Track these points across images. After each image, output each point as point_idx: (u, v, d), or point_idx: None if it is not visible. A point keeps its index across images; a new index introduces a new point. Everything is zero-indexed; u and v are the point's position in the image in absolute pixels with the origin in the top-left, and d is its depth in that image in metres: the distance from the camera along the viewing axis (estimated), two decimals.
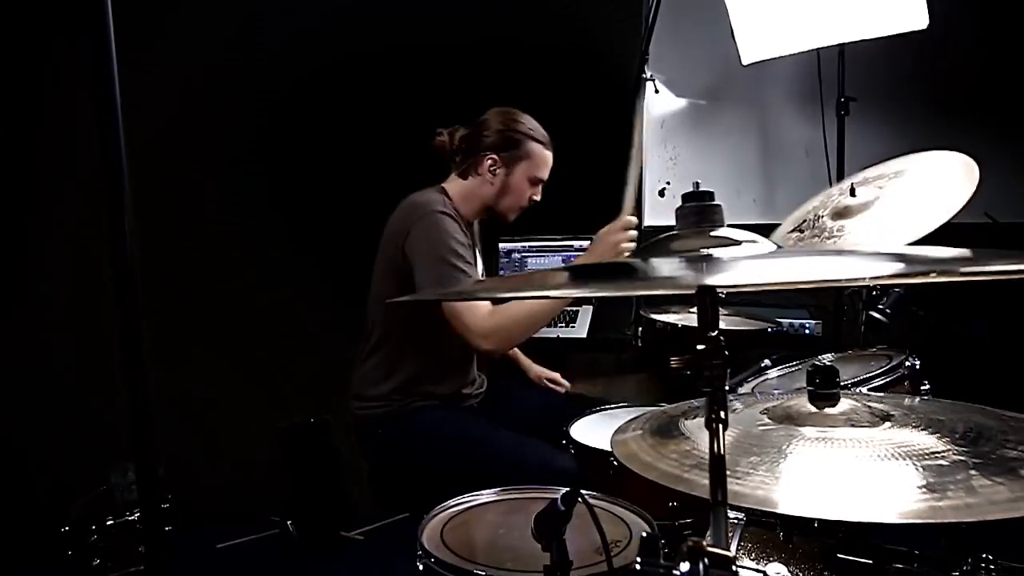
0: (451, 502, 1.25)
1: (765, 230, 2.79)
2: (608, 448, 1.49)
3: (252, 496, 2.58)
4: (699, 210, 0.84)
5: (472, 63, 2.53)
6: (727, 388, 1.62)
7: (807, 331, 2.19)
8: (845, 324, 1.93)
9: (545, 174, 1.76)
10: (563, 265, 2.54)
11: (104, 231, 0.76)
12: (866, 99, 2.31)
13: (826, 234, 1.37)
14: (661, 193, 2.70)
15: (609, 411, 1.78)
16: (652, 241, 0.88)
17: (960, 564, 0.84)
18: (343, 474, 2.56)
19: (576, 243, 2.51)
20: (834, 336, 2.26)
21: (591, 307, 2.44)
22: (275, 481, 2.56)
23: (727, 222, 3.13)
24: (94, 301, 1.65)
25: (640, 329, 2.40)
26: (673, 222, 0.93)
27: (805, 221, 1.64)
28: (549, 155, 1.75)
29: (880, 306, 1.36)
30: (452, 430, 1.59)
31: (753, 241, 0.80)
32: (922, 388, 1.16)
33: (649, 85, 2.27)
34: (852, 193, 1.36)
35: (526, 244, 2.55)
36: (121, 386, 0.80)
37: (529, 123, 1.74)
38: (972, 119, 2.49)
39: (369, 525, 2.56)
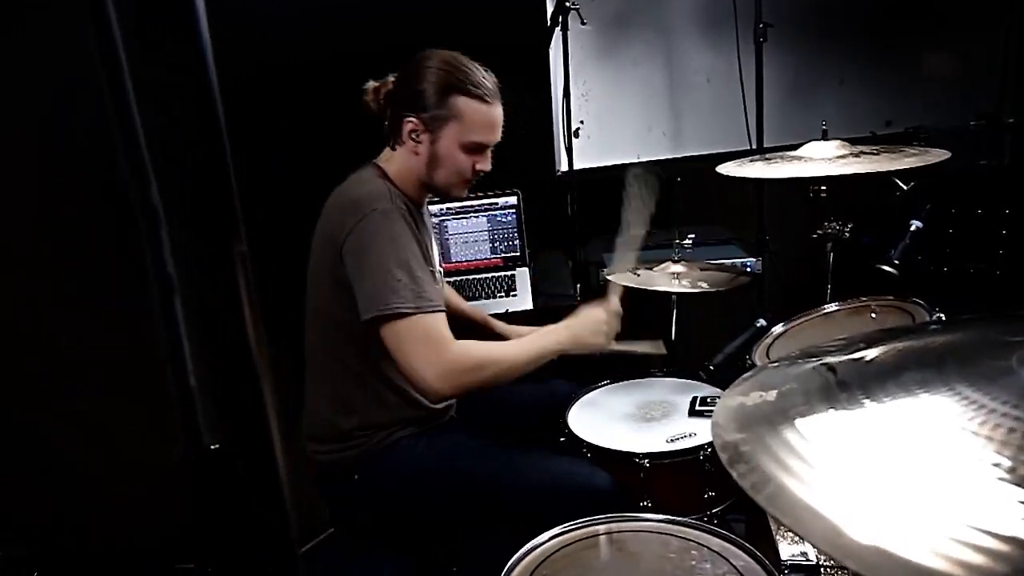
0: (515, 559, 1.03)
1: (675, 164, 2.75)
2: (628, 447, 1.40)
3: (150, 548, 2.13)
4: None
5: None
6: (723, 360, 1.53)
7: (748, 268, 2.18)
8: (800, 267, 1.94)
9: (485, 137, 1.35)
10: (486, 227, 2.28)
11: None
12: (783, 26, 2.25)
13: None
14: (575, 134, 2.50)
15: (595, 393, 1.63)
16: None
17: None
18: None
19: (500, 200, 2.25)
20: (778, 276, 2.29)
21: (527, 269, 2.24)
22: (177, 524, 2.13)
23: (640, 157, 2.99)
24: None
25: (579, 287, 2.26)
26: (595, 163, 0.65)
27: None
28: (490, 111, 1.34)
29: (890, 256, 1.31)
30: (452, 462, 1.34)
31: None
32: None
33: (573, 16, 2.03)
34: None
35: (444, 207, 2.24)
36: None
37: (463, 71, 1.31)
38: (884, 45, 2.58)
39: (304, 547, 2.24)
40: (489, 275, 2.23)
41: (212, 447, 1.86)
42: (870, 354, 0.59)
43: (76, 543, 1.94)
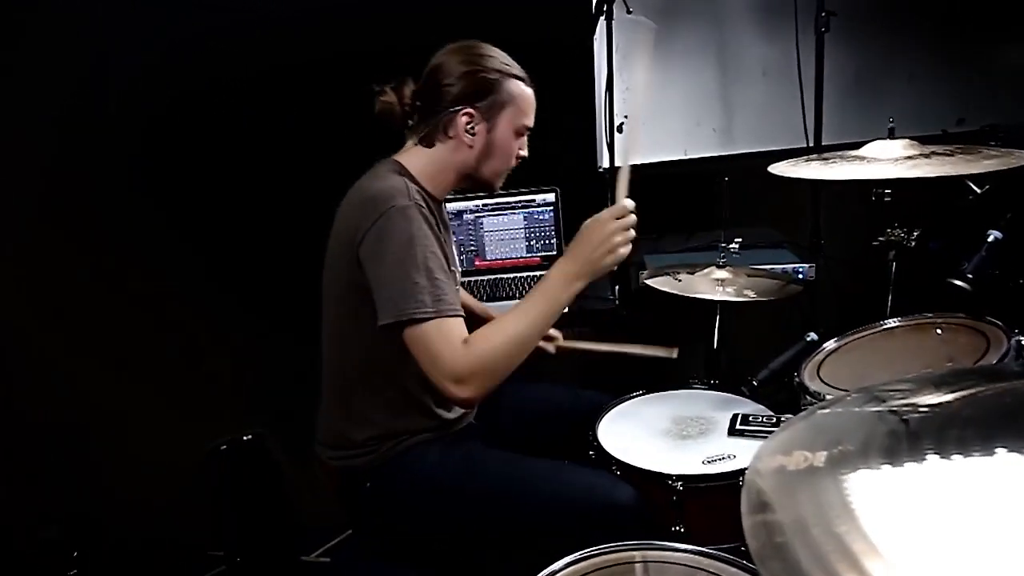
0: None
1: (724, 162, 2.61)
2: (660, 468, 1.32)
3: (181, 536, 2.15)
4: None
5: None
6: (768, 376, 1.40)
7: (800, 276, 2.04)
8: (858, 277, 1.80)
9: (531, 119, 1.36)
10: (522, 224, 2.21)
11: None
12: (847, 15, 2.09)
13: None
14: (619, 128, 2.40)
15: (628, 404, 1.53)
16: None
17: None
18: (290, 492, 2.19)
19: (539, 197, 2.17)
20: (833, 285, 2.14)
21: None
22: (207, 513, 2.14)
23: (688, 154, 2.81)
24: None
25: (618, 289, 2.17)
26: (639, 159, 0.55)
27: None
28: (532, 94, 1.35)
29: (963, 269, 1.18)
30: (468, 472, 1.27)
31: None
32: None
33: (619, 4, 1.93)
34: None
35: (478, 203, 2.18)
36: None
37: (500, 57, 1.32)
38: (957, 35, 2.39)
39: (331, 542, 2.23)
40: (524, 274, 2.16)
41: (244, 437, 1.83)
42: (943, 401, 0.49)
43: (111, 527, 1.98)
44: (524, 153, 1.39)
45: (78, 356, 1.99)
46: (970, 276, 1.18)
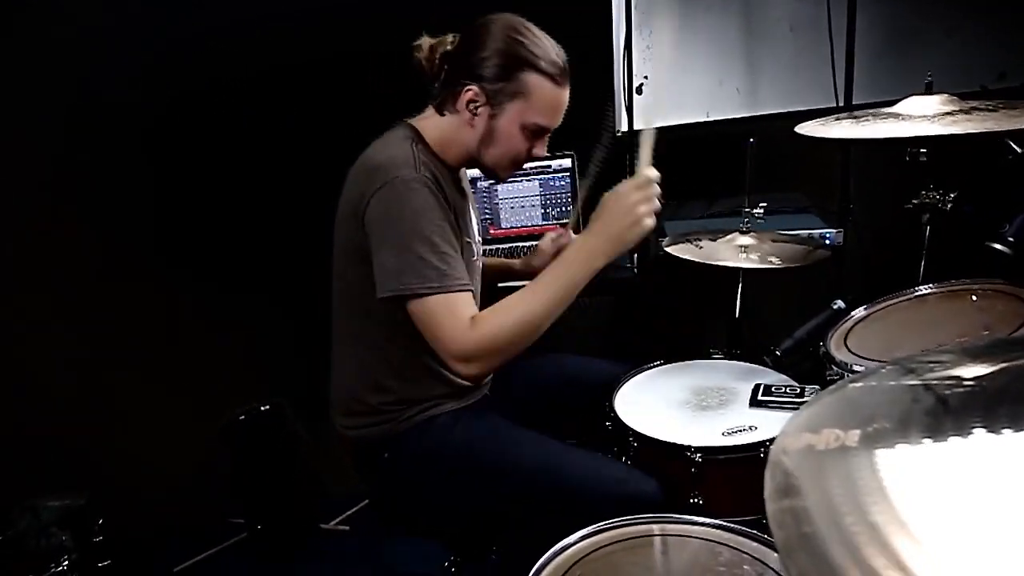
0: (545, 558, 0.95)
1: (749, 123, 2.51)
2: (679, 439, 1.28)
3: (203, 504, 2.19)
4: None
5: None
6: (792, 346, 1.35)
7: (827, 241, 1.97)
8: (889, 241, 1.73)
9: (549, 120, 1.26)
10: (538, 191, 2.16)
11: None
12: None
13: None
14: (639, 90, 2.31)
15: (646, 375, 1.50)
16: None
17: None
18: (310, 461, 2.21)
19: (555, 163, 2.12)
20: (862, 251, 2.06)
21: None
22: (228, 482, 2.18)
23: (710, 116, 2.70)
24: None
25: (637, 257, 2.11)
26: (659, 122, 0.50)
27: None
28: (559, 95, 1.24)
29: (1003, 232, 1.12)
30: (496, 452, 1.24)
31: None
32: None
33: None
34: None
35: None
36: None
37: (537, 45, 1.21)
38: None
39: (350, 510, 2.26)
40: None
41: (262, 408, 1.83)
42: (985, 374, 0.44)
43: (135, 497, 2.03)
44: (540, 153, 1.31)
45: (102, 342, 2.05)
46: (1011, 240, 1.11)
